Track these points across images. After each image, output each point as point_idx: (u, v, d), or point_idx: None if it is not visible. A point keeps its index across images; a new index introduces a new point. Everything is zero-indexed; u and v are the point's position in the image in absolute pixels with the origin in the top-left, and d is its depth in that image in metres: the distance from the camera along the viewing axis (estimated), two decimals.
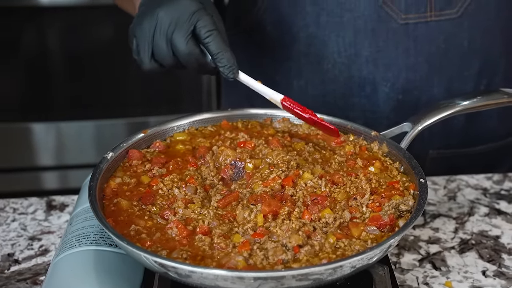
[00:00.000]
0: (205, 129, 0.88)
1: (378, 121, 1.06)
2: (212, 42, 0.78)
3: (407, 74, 1.03)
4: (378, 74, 1.03)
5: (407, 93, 1.04)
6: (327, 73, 1.05)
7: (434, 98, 1.05)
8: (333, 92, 1.06)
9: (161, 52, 0.79)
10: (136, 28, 0.80)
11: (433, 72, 1.04)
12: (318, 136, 0.87)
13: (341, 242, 0.66)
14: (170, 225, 0.68)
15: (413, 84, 1.04)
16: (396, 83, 1.03)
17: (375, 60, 1.02)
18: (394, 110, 1.05)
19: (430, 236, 0.91)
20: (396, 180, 0.76)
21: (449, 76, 1.05)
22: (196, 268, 0.61)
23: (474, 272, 0.84)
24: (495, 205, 0.98)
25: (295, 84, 1.08)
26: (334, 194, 0.74)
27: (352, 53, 1.02)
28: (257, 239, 0.66)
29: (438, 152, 1.10)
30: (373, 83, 1.04)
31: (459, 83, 1.06)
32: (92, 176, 0.74)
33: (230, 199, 0.73)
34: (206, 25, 0.78)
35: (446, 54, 1.03)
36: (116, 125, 2.25)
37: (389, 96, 1.04)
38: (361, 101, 1.05)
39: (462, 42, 1.03)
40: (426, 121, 0.83)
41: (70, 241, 0.75)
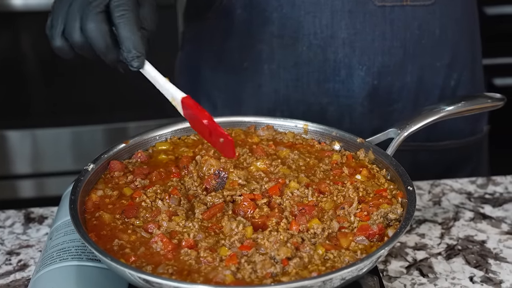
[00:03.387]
0: (188, 138, 0.86)
1: (352, 107, 1.05)
2: (122, 23, 0.72)
3: (382, 58, 1.02)
4: (354, 57, 1.02)
5: (382, 78, 1.03)
6: (301, 55, 1.03)
7: (407, 86, 1.05)
8: (307, 76, 1.04)
9: (71, 26, 0.73)
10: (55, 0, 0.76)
11: (407, 59, 1.04)
12: (303, 145, 0.85)
13: (330, 253, 0.65)
14: (154, 239, 0.66)
15: (387, 69, 1.03)
16: (371, 67, 1.02)
17: (352, 42, 1.01)
18: (369, 96, 1.04)
19: (416, 242, 0.90)
20: (383, 188, 0.75)
21: (421, 64, 1.05)
22: (181, 284, 0.60)
23: (461, 279, 0.83)
24: (479, 209, 0.98)
25: (266, 68, 1.05)
26: (321, 203, 0.73)
27: (328, 35, 1.01)
28: (245, 252, 0.65)
29: (404, 144, 1.09)
30: (349, 67, 1.03)
31: (430, 74, 1.06)
32: (73, 189, 0.71)
33: (215, 210, 0.72)
34: (121, 5, 0.72)
35: (420, 41, 1.03)
36: (93, 132, 2.22)
37: (364, 80, 1.03)
38: (336, 86, 1.04)
39: (435, 30, 1.04)
40: (412, 127, 0.82)
41: (51, 257, 0.72)
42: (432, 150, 1.13)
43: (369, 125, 1.07)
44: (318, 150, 0.84)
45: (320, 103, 1.05)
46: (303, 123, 0.87)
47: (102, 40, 0.73)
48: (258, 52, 1.05)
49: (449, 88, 1.09)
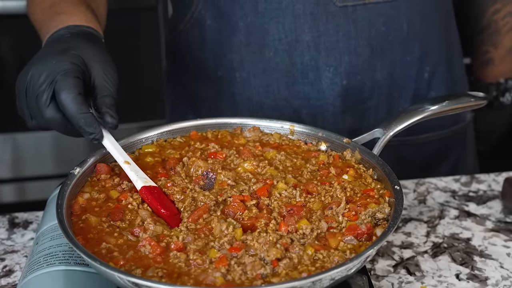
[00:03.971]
0: (174, 140, 0.86)
1: (324, 108, 1.06)
2: (67, 108, 0.71)
3: (349, 57, 1.03)
4: (321, 59, 1.03)
5: (351, 77, 1.04)
6: (269, 62, 1.04)
7: (378, 83, 1.06)
8: (276, 82, 1.05)
9: (34, 116, 0.74)
10: (16, 84, 0.76)
11: (375, 56, 1.04)
12: (289, 146, 0.86)
13: (319, 253, 0.65)
14: (142, 243, 0.66)
15: (356, 68, 1.04)
16: (338, 67, 1.03)
17: (317, 45, 1.02)
18: (339, 97, 1.05)
19: (403, 241, 0.91)
20: (370, 188, 0.75)
21: (391, 60, 1.06)
22: (171, 286, 0.60)
23: (448, 276, 0.84)
24: (464, 207, 0.98)
25: (238, 76, 1.06)
26: (309, 203, 0.73)
27: (292, 39, 1.02)
28: (234, 254, 0.65)
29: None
30: (316, 68, 1.03)
31: (401, 68, 1.07)
32: (59, 193, 0.71)
33: (200, 212, 0.71)
34: (61, 89, 0.71)
35: (387, 37, 1.04)
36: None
37: (333, 81, 1.04)
38: (305, 88, 1.05)
39: (402, 26, 1.04)
40: (397, 126, 0.83)
41: (38, 262, 0.72)
42: (414, 143, 1.14)
43: (344, 125, 1.08)
44: (304, 150, 0.85)
45: (292, 107, 1.06)
46: (289, 124, 0.87)
47: (59, 128, 0.74)
48: (229, 60, 1.06)
49: (423, 81, 1.10)
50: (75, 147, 2.20)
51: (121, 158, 0.77)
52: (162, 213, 0.71)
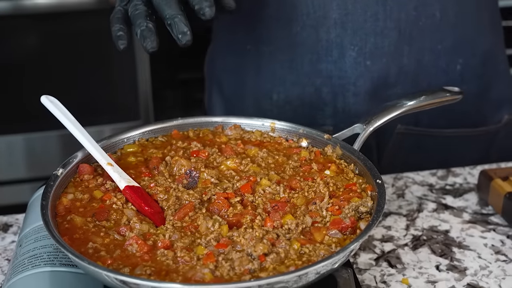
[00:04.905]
0: (155, 139, 0.86)
1: (345, 87, 1.07)
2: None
3: (375, 39, 1.03)
4: (346, 37, 1.03)
5: (375, 59, 1.05)
6: (295, 36, 1.05)
7: (404, 68, 1.06)
8: (301, 57, 1.07)
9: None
10: None
11: (403, 40, 1.04)
12: (271, 143, 0.86)
13: (305, 248, 0.66)
14: (129, 242, 0.66)
15: (381, 50, 1.04)
16: (363, 47, 1.04)
17: (344, 23, 1.03)
18: (362, 77, 1.06)
19: (383, 234, 0.92)
20: (353, 183, 0.76)
21: (420, 47, 1.05)
22: (159, 283, 0.60)
23: (428, 268, 0.86)
24: (441, 200, 1.01)
25: (265, 50, 1.08)
26: (293, 199, 0.74)
27: (320, 15, 1.03)
28: (221, 250, 0.65)
29: (406, 127, 1.10)
30: (341, 47, 1.04)
31: (431, 57, 1.06)
32: (43, 194, 0.70)
33: (186, 210, 0.72)
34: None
35: (417, 22, 1.03)
36: (47, 138, 2.18)
37: (356, 60, 1.05)
38: (328, 66, 1.06)
39: (434, 13, 1.04)
40: (377, 122, 0.84)
41: (22, 264, 0.71)
42: (437, 135, 1.13)
43: (364, 107, 1.08)
44: (286, 147, 0.85)
45: (314, 84, 1.07)
46: (270, 121, 0.88)
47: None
48: (259, 34, 1.08)
49: (455, 73, 1.08)
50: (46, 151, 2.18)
51: (103, 160, 0.77)
52: (146, 211, 0.72)
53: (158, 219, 0.71)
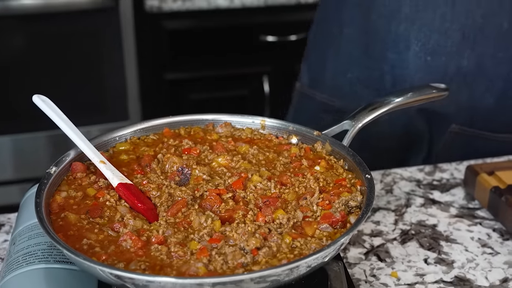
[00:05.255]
0: (147, 138, 0.87)
1: (404, 78, 1.15)
2: None
3: (439, 37, 1.10)
4: (413, 32, 1.11)
5: (435, 56, 1.11)
6: (372, 24, 1.15)
7: (462, 70, 1.11)
8: (372, 44, 1.16)
9: None
10: None
11: (466, 44, 1.09)
12: (261, 140, 0.88)
13: (297, 241, 0.67)
14: (123, 238, 0.67)
15: (443, 49, 1.10)
16: (426, 43, 1.10)
17: (413, 19, 1.10)
18: (421, 71, 1.13)
19: (372, 229, 0.94)
20: (342, 178, 0.78)
21: (481, 52, 1.10)
22: (152, 277, 0.61)
23: (416, 261, 0.87)
24: (429, 195, 1.02)
25: (345, 32, 1.20)
26: (284, 194, 0.75)
27: (394, 8, 1.10)
28: (214, 245, 0.66)
29: (460, 128, 1.16)
30: (407, 40, 1.12)
31: (491, 63, 1.11)
32: (37, 192, 0.71)
33: (179, 206, 0.73)
34: None
35: (482, 29, 1.08)
36: (35, 139, 2.18)
37: (418, 55, 1.12)
38: (393, 56, 1.14)
39: (502, 23, 1.08)
40: (365, 118, 0.86)
41: (16, 261, 0.72)
42: (491, 139, 1.17)
43: None
44: (276, 144, 0.87)
45: (380, 70, 1.16)
46: (260, 119, 0.89)
47: None
48: (344, 18, 1.19)
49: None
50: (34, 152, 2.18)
51: (96, 158, 0.77)
52: (139, 207, 0.73)
53: (151, 216, 0.72)
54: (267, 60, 2.32)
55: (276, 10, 2.24)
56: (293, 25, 2.29)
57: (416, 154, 1.23)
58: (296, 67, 2.41)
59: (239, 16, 2.22)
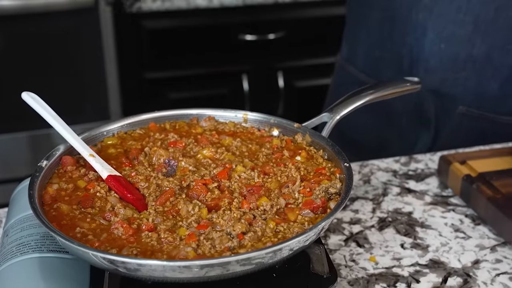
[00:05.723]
0: (134, 132, 0.90)
1: (420, 62, 1.25)
2: None
3: (453, 27, 1.19)
4: (430, 21, 1.21)
5: (449, 44, 1.20)
6: (394, 11, 1.25)
7: (472, 58, 1.20)
8: (394, 29, 1.26)
9: None
10: None
11: (477, 34, 1.18)
12: (244, 133, 0.91)
13: (280, 226, 0.71)
14: (115, 226, 0.70)
15: (456, 38, 1.20)
16: (442, 32, 1.20)
17: (431, 8, 1.20)
18: (435, 56, 1.23)
19: (351, 217, 0.98)
20: (322, 167, 0.82)
21: (491, 44, 1.19)
22: (143, 261, 0.64)
23: (393, 246, 0.92)
24: (405, 184, 1.07)
25: (375, 17, 1.30)
26: (267, 183, 0.79)
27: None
28: (202, 231, 0.70)
29: (467, 109, 1.25)
30: (424, 28, 1.21)
31: (500, 54, 1.20)
32: (30, 185, 0.74)
33: (167, 195, 0.76)
34: None
35: (494, 22, 1.17)
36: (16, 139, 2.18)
37: (433, 42, 1.22)
38: (412, 41, 1.24)
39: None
40: (343, 111, 0.89)
41: (11, 251, 0.74)
42: (495, 121, 1.26)
43: (433, 82, 1.25)
44: (258, 136, 0.90)
45: (399, 53, 1.26)
46: (243, 113, 0.93)
47: None
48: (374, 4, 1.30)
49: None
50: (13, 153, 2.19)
51: (85, 152, 0.80)
52: (129, 197, 0.76)
53: (141, 205, 0.75)
54: (246, 58, 2.35)
55: (255, 10, 2.28)
56: (271, 24, 2.33)
57: (423, 137, 1.31)
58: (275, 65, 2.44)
59: (218, 15, 2.26)
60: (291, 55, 2.39)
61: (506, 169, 1.00)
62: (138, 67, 2.29)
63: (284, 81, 2.36)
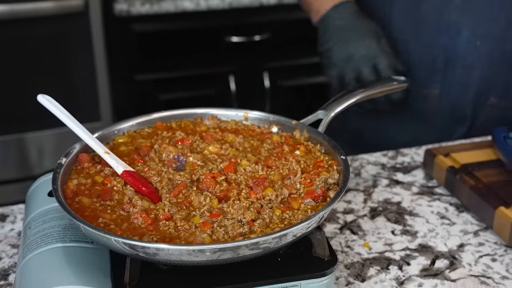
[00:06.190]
0: (142, 131, 0.96)
1: (455, 61, 1.29)
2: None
3: (488, 25, 1.24)
4: (464, 20, 1.25)
5: (484, 41, 1.25)
6: (425, 13, 1.28)
7: (506, 53, 1.26)
8: (427, 30, 1.29)
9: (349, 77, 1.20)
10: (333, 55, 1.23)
11: (509, 28, 1.24)
12: (245, 130, 0.98)
13: (285, 214, 0.78)
14: (134, 216, 0.77)
15: (491, 34, 1.25)
16: (477, 30, 1.25)
17: (464, 8, 1.25)
18: (470, 54, 1.27)
19: (345, 208, 1.05)
20: (320, 160, 0.89)
21: None
22: (161, 245, 0.70)
23: (385, 233, 0.99)
24: (393, 176, 1.14)
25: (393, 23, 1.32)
26: (271, 176, 0.86)
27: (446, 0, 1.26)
28: (214, 219, 0.77)
29: (499, 100, 1.31)
30: (458, 26, 1.26)
31: None
32: (53, 180, 0.80)
33: (179, 188, 0.82)
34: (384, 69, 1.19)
35: None
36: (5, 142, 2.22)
37: (469, 39, 1.26)
38: (445, 41, 1.28)
39: None
40: (337, 108, 0.96)
41: (35, 242, 0.80)
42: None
43: (470, 80, 1.29)
44: (258, 133, 0.97)
45: (431, 54, 1.30)
46: (244, 112, 0.99)
47: None
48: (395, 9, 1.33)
49: None
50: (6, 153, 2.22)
51: (101, 149, 0.87)
52: (144, 190, 0.82)
53: (155, 198, 0.82)
54: (233, 60, 2.42)
55: (241, 12, 2.34)
56: (257, 26, 2.40)
57: (459, 129, 1.36)
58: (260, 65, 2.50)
59: (205, 18, 2.32)
60: (276, 56, 2.46)
61: (486, 160, 1.09)
62: (128, 69, 2.34)
63: (269, 81, 2.43)
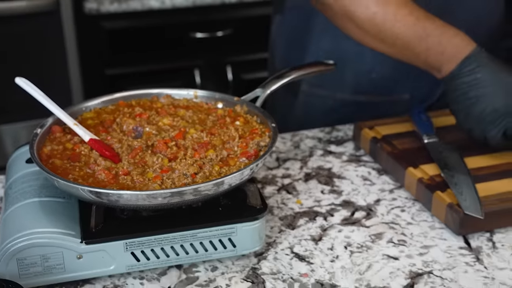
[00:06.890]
0: (106, 108, 1.13)
1: None
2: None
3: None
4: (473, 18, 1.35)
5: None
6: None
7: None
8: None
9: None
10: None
11: None
12: (195, 106, 1.15)
13: (223, 169, 0.95)
14: (98, 172, 0.93)
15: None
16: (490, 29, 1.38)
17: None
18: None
19: (283, 173, 1.23)
20: (255, 128, 1.06)
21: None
22: (122, 192, 0.86)
23: (315, 192, 1.17)
24: (327, 148, 1.32)
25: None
26: (213, 141, 1.03)
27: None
28: (164, 174, 0.93)
29: None
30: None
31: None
32: (30, 146, 0.96)
33: (136, 151, 0.99)
34: None
35: None
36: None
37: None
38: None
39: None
40: (272, 86, 1.13)
41: (16, 198, 0.96)
42: None
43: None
44: (206, 109, 1.14)
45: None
46: (193, 91, 1.16)
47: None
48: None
49: None
50: None
51: (70, 122, 1.03)
52: (107, 154, 0.98)
53: (116, 160, 0.98)
54: (197, 54, 2.58)
55: (204, 10, 2.51)
56: (219, 22, 2.57)
57: None
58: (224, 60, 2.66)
59: (171, 15, 2.48)
60: (238, 51, 2.63)
61: (404, 131, 1.27)
62: (99, 65, 2.49)
63: (232, 74, 2.60)
